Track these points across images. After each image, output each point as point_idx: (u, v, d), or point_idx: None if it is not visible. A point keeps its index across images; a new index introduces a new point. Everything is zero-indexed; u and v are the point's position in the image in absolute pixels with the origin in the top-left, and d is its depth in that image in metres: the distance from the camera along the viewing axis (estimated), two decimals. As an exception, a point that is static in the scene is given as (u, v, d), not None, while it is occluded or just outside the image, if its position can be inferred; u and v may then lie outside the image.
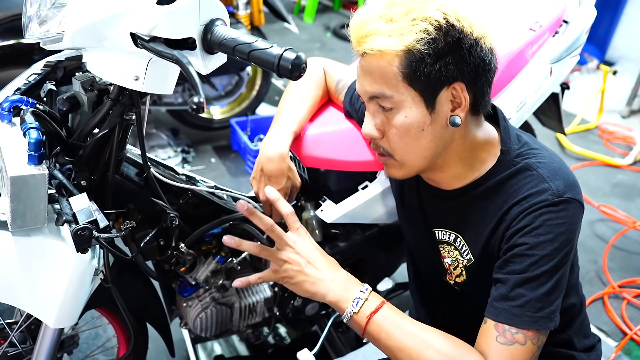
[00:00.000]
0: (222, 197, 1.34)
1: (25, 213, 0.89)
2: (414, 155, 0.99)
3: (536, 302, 0.92)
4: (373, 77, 0.95)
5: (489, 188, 1.02)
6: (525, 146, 1.03)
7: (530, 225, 0.94)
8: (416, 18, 0.88)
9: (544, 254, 0.93)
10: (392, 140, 0.99)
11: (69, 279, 1.00)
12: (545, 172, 0.97)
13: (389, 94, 0.94)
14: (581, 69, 4.41)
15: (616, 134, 3.70)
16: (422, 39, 0.88)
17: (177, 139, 3.21)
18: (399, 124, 0.96)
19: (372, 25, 0.91)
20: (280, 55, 0.76)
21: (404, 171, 1.03)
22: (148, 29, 0.78)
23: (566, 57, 1.65)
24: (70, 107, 1.01)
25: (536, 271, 0.93)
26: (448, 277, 1.15)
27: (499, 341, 0.92)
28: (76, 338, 1.32)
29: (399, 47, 0.89)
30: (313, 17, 5.72)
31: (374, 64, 0.93)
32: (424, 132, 0.96)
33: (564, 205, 0.94)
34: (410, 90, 0.93)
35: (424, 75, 0.91)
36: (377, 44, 0.90)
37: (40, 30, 0.91)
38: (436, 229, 1.13)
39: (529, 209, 0.95)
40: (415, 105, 0.94)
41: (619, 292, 2.28)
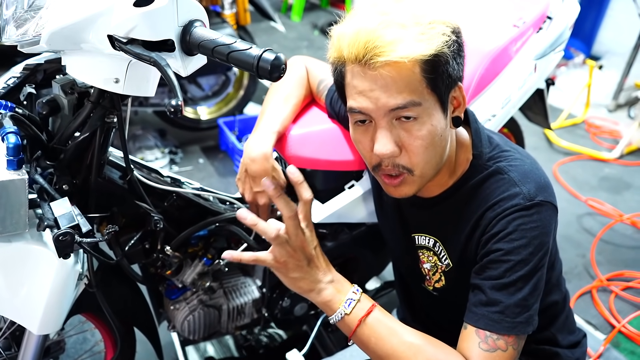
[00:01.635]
0: (208, 198, 1.34)
1: (5, 219, 0.88)
2: (432, 166, 0.95)
3: (514, 308, 0.93)
4: (397, 87, 0.87)
5: (464, 194, 1.02)
6: (496, 149, 1.03)
7: (504, 231, 0.94)
8: (432, 22, 0.86)
9: (519, 259, 0.93)
10: (415, 154, 0.92)
11: (52, 285, 0.98)
12: (516, 176, 0.97)
13: (418, 101, 0.88)
14: (567, 64, 4.43)
15: (603, 128, 3.73)
16: (447, 42, 0.87)
17: (165, 140, 3.19)
18: (425, 134, 0.90)
19: (391, 35, 0.84)
20: (259, 56, 0.76)
21: (417, 186, 0.97)
22: (125, 31, 0.77)
23: (550, 53, 1.65)
24: (51, 110, 1.00)
25: (512, 277, 0.93)
26: (427, 284, 1.15)
27: (482, 347, 0.92)
28: (62, 344, 1.30)
29: (428, 51, 0.85)
30: (300, 16, 5.71)
31: (396, 74, 0.86)
32: (442, 138, 0.94)
33: (537, 209, 0.94)
34: (432, 95, 0.89)
35: (445, 78, 0.89)
36: (407, 50, 0.84)
37: (17, 33, 0.90)
38: (415, 234, 1.13)
39: (502, 213, 0.95)
40: (436, 110, 0.91)
41: (607, 285, 2.30)
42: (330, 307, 0.94)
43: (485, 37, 1.49)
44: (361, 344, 0.95)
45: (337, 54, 0.91)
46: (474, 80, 1.41)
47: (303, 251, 0.92)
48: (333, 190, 1.41)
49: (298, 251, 0.92)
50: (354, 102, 0.91)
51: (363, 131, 0.95)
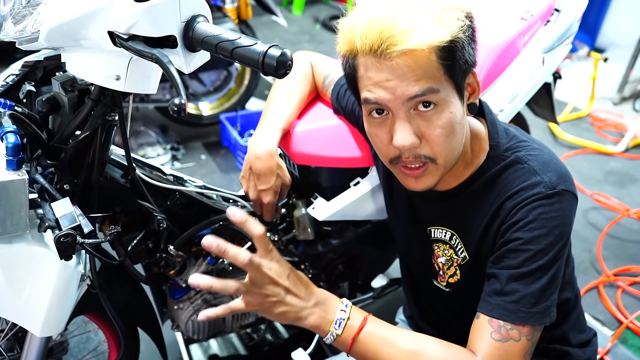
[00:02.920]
0: (212, 197, 1.32)
1: (5, 220, 0.87)
2: (454, 154, 0.94)
3: (531, 298, 0.90)
4: (415, 75, 0.85)
5: (481, 185, 1.00)
6: (513, 139, 1.01)
7: (524, 220, 0.92)
8: (446, 7, 0.85)
9: (538, 248, 0.91)
10: (436, 143, 0.90)
11: (54, 286, 0.97)
12: (537, 165, 0.95)
13: (436, 88, 0.86)
14: (572, 57, 4.39)
15: (608, 121, 3.70)
16: (462, 27, 0.85)
17: (166, 136, 3.17)
18: (446, 122, 0.88)
19: (407, 22, 0.82)
20: (264, 52, 0.73)
21: (439, 176, 0.95)
22: (126, 27, 0.75)
23: (558, 46, 1.63)
24: (51, 108, 0.98)
25: (531, 266, 0.91)
26: (440, 279, 1.13)
27: (494, 337, 0.90)
28: (65, 344, 1.29)
29: (446, 37, 0.83)
30: (302, 9, 5.67)
31: (412, 62, 0.84)
32: (461, 125, 0.92)
33: (558, 198, 0.92)
34: (450, 82, 0.88)
35: (459, 64, 0.87)
36: (424, 37, 0.82)
37: (15, 30, 0.88)
38: (431, 227, 1.11)
39: (522, 202, 0.93)
40: (454, 97, 0.89)
41: (613, 280, 2.28)
42: (321, 330, 0.91)
43: (492, 30, 1.46)
44: (360, 358, 0.92)
45: (348, 46, 0.88)
46: (482, 74, 1.38)
47: (276, 286, 0.88)
48: (338, 188, 1.39)
49: (270, 288, 0.87)
50: (370, 94, 0.89)
51: (379, 123, 0.92)
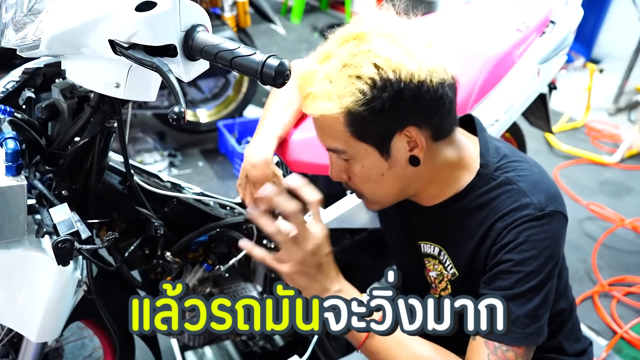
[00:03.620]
0: (209, 203, 1.32)
1: (3, 225, 0.87)
2: (381, 195, 1.01)
3: (524, 319, 0.92)
4: (324, 133, 0.95)
5: (469, 202, 1.00)
6: (504, 159, 1.01)
7: (514, 241, 0.93)
8: (351, 75, 0.86)
9: (529, 270, 0.92)
10: (357, 185, 1.00)
11: (51, 292, 0.97)
12: (526, 186, 0.96)
13: (341, 149, 0.94)
14: (567, 67, 4.42)
15: (603, 132, 3.72)
16: (359, 100, 0.86)
17: (164, 142, 3.17)
18: (358, 173, 0.97)
19: (312, 88, 0.90)
20: (263, 62, 0.74)
21: (379, 206, 1.06)
22: (127, 36, 0.76)
23: (554, 58, 1.64)
24: (50, 115, 0.99)
25: (522, 287, 0.92)
26: (432, 292, 1.13)
27: (491, 359, 0.91)
28: (60, 350, 1.29)
29: (338, 109, 0.88)
30: (300, 18, 5.70)
31: (322, 123, 0.93)
32: (385, 177, 0.96)
33: (547, 219, 0.93)
34: (360, 143, 0.92)
35: (371, 129, 0.90)
36: (317, 108, 0.90)
37: (16, 37, 0.89)
38: (421, 242, 1.12)
39: (512, 224, 0.94)
40: (369, 155, 0.93)
41: (608, 290, 2.28)
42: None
43: (488, 41, 1.48)
44: (370, 355, 0.94)
45: None
46: (477, 85, 1.40)
47: (314, 255, 0.90)
48: (335, 196, 1.39)
49: (308, 255, 0.89)
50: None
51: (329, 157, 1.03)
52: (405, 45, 0.86)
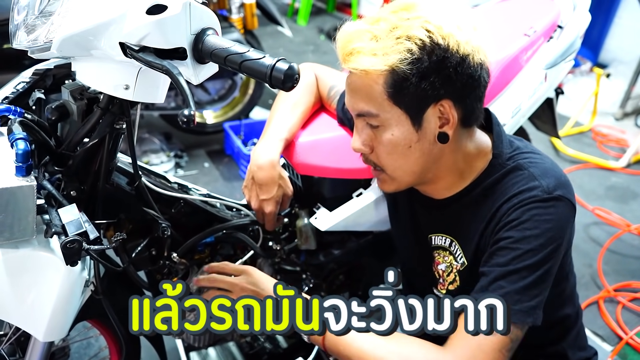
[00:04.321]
0: (215, 205, 1.33)
1: (13, 225, 0.88)
2: (403, 171, 1.00)
3: (515, 294, 0.91)
4: (359, 95, 0.95)
5: (481, 191, 1.02)
6: (517, 150, 1.03)
7: (518, 219, 0.94)
8: (400, 36, 0.88)
9: (528, 248, 0.92)
10: (380, 157, 1.00)
11: (59, 292, 0.98)
12: (536, 171, 0.97)
13: (374, 113, 0.94)
14: (574, 72, 4.41)
15: (610, 137, 3.71)
16: (406, 59, 0.88)
17: (170, 143, 3.19)
18: (386, 142, 0.97)
19: (357, 44, 0.90)
20: (272, 65, 0.75)
21: (395, 185, 1.04)
22: (137, 38, 0.77)
23: (561, 63, 1.64)
24: (60, 116, 0.99)
25: (518, 265, 0.92)
26: (440, 287, 1.13)
27: (468, 329, 0.91)
28: (67, 350, 1.30)
29: (382, 66, 0.89)
30: (307, 20, 5.72)
31: (360, 82, 0.93)
32: (412, 149, 0.96)
33: (554, 202, 0.94)
34: (395, 108, 0.93)
35: (409, 94, 0.90)
36: (361, 63, 0.90)
37: (27, 39, 0.90)
38: (432, 235, 1.12)
39: (518, 204, 0.95)
40: (401, 123, 0.94)
41: (614, 296, 2.28)
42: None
43: (495, 46, 1.48)
44: (334, 353, 0.97)
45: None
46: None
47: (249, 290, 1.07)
48: (341, 198, 1.40)
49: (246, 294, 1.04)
50: (345, 98, 1.01)
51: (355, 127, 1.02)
52: (456, 19, 0.91)
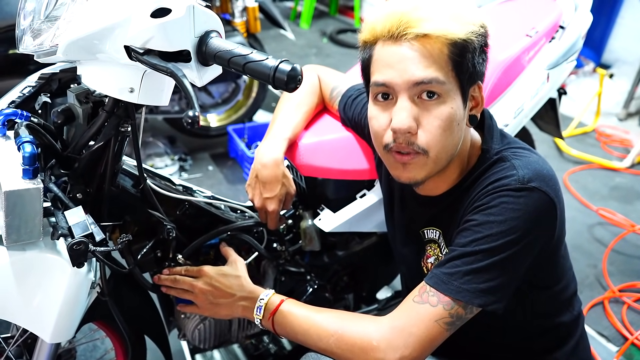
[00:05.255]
0: (220, 207, 1.34)
1: (20, 227, 0.89)
2: (447, 153, 0.97)
3: (465, 274, 0.92)
4: (426, 61, 0.90)
5: (467, 185, 1.02)
6: (507, 145, 1.03)
7: (486, 205, 0.94)
8: (463, 12, 0.92)
9: (488, 233, 0.92)
10: (432, 134, 0.93)
11: (65, 293, 0.98)
12: (518, 163, 0.97)
13: (442, 79, 0.91)
14: (577, 72, 4.41)
15: (613, 137, 3.70)
16: (477, 32, 0.92)
17: (174, 147, 3.20)
18: (445, 115, 0.92)
19: (427, 12, 0.90)
20: (275, 67, 0.76)
21: (428, 170, 0.97)
22: (142, 41, 0.78)
23: (563, 63, 1.65)
24: (65, 119, 1.00)
25: (475, 247, 0.92)
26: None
27: (414, 300, 0.93)
28: (73, 352, 1.30)
29: (461, 33, 0.90)
30: (309, 23, 5.73)
31: (427, 48, 0.90)
32: (459, 127, 0.96)
33: (526, 193, 0.92)
34: (456, 80, 0.93)
35: (469, 66, 0.93)
36: (441, 26, 0.89)
37: (34, 43, 0.91)
38: (424, 229, 1.13)
39: (491, 190, 0.95)
40: (457, 96, 0.95)
41: (619, 296, 2.27)
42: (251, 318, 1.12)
43: (498, 46, 1.48)
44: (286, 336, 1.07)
45: (369, 33, 0.96)
46: (487, 89, 1.40)
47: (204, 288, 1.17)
48: (344, 199, 1.41)
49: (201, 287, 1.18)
50: (380, 75, 0.94)
51: (382, 107, 0.97)
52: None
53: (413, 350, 0.91)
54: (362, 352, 0.93)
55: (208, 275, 1.18)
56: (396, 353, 0.91)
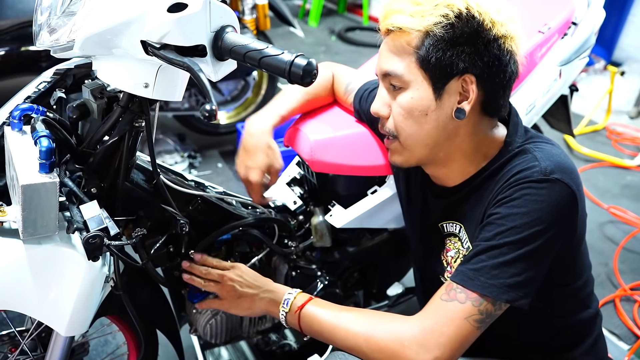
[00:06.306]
0: (232, 203, 1.34)
1: (36, 221, 0.89)
2: (415, 140, 1.01)
3: (491, 269, 0.91)
4: (389, 55, 0.99)
5: (488, 176, 1.03)
6: (530, 139, 1.04)
7: (509, 197, 0.94)
8: (439, 4, 0.92)
9: (512, 225, 0.92)
10: (396, 120, 1.01)
11: (80, 287, 0.99)
12: (540, 155, 0.97)
13: (399, 73, 0.97)
14: (588, 70, 4.38)
15: (624, 135, 3.68)
16: (440, 23, 0.91)
17: (184, 144, 3.21)
18: (404, 104, 0.99)
19: (399, 4, 0.95)
20: (291, 61, 0.76)
21: (405, 156, 1.05)
22: (159, 36, 0.78)
23: (575, 59, 1.64)
24: (80, 114, 1.01)
25: (500, 240, 0.92)
26: (447, 274, 1.14)
27: (442, 298, 0.93)
28: (86, 346, 1.31)
29: (417, 26, 0.93)
30: (318, 21, 5.73)
31: (394, 42, 0.97)
32: (427, 118, 0.98)
33: (548, 185, 0.92)
34: (421, 72, 0.96)
35: (436, 59, 0.93)
36: (399, 21, 0.94)
37: (50, 39, 0.91)
38: (443, 223, 1.13)
39: (513, 182, 0.95)
40: (422, 88, 0.96)
41: (630, 294, 2.26)
42: (275, 312, 1.10)
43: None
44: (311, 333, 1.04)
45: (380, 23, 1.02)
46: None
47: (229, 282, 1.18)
48: (355, 196, 1.41)
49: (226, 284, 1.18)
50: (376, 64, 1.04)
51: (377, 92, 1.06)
52: (496, 4, 0.94)
53: (445, 350, 0.90)
54: (393, 353, 0.92)
55: (240, 269, 1.20)
56: (428, 354, 0.90)
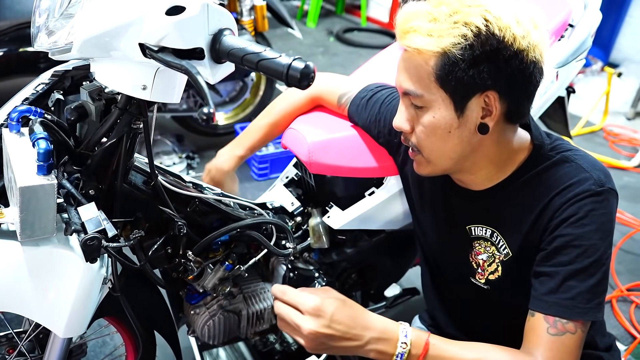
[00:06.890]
0: (229, 204, 1.34)
1: (34, 223, 0.89)
2: (439, 155, 1.01)
3: (586, 294, 0.93)
4: (409, 73, 0.97)
5: (525, 181, 1.03)
6: (557, 141, 1.05)
7: (575, 215, 0.94)
8: (458, 21, 0.89)
9: (590, 244, 0.93)
10: (419, 137, 1.01)
11: (78, 288, 0.99)
12: (584, 163, 0.99)
13: (419, 93, 0.96)
14: (585, 71, 4.39)
15: (621, 136, 3.69)
16: (459, 44, 0.89)
17: (182, 145, 3.21)
18: (426, 123, 0.98)
19: (415, 23, 0.92)
20: (289, 64, 0.76)
21: (430, 169, 1.05)
22: (157, 39, 0.78)
23: (572, 61, 1.64)
24: (78, 116, 1.01)
25: (584, 262, 0.93)
26: (478, 277, 1.13)
27: (550, 332, 0.93)
28: (84, 347, 1.31)
29: (435, 48, 0.90)
30: (316, 22, 5.73)
31: (411, 61, 0.95)
32: (451, 135, 0.97)
33: (606, 196, 0.95)
34: (441, 91, 0.94)
35: (456, 79, 0.91)
36: (416, 42, 0.92)
37: (48, 41, 0.91)
38: (471, 226, 1.13)
39: (573, 198, 0.95)
40: (444, 107, 0.95)
41: (627, 295, 2.27)
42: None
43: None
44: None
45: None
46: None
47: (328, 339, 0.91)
48: (353, 197, 1.41)
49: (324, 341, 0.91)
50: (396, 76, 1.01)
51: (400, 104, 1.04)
52: (516, 14, 0.90)
53: None
54: None
55: (325, 315, 0.91)
56: None
